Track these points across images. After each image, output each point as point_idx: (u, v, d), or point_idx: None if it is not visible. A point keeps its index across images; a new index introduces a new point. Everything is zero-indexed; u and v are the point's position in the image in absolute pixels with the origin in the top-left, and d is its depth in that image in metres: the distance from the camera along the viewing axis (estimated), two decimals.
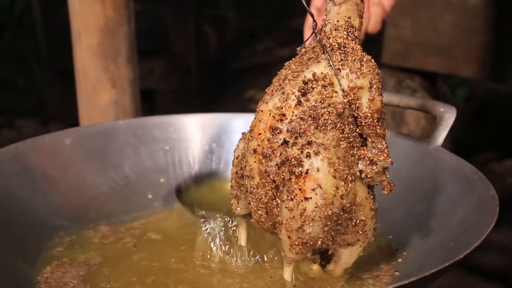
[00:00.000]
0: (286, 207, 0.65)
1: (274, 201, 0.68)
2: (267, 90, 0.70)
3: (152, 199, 0.99)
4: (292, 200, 0.65)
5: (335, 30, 0.68)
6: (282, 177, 0.66)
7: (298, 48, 0.72)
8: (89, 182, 0.95)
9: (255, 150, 0.67)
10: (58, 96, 2.74)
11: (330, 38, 0.67)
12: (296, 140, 0.65)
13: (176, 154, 1.05)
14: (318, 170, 0.64)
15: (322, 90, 0.65)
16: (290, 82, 0.67)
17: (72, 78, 1.20)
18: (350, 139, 0.67)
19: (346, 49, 0.67)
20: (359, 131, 0.68)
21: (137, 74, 1.23)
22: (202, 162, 1.05)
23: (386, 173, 0.69)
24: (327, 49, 0.67)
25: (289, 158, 0.65)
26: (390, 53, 2.05)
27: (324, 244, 0.68)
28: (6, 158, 0.86)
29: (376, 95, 0.66)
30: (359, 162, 0.68)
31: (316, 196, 0.64)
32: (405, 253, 0.78)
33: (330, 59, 0.66)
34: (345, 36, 0.67)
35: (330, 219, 0.65)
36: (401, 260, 0.77)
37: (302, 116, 0.65)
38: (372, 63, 0.67)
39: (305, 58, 0.70)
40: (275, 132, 0.66)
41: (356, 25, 0.69)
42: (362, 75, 0.65)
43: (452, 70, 1.96)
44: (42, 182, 0.89)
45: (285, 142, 0.66)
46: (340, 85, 0.66)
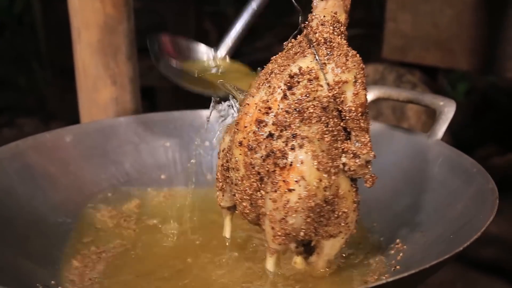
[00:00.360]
0: (270, 199, 0.66)
1: (259, 192, 0.69)
2: (254, 83, 0.71)
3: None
4: (276, 191, 0.66)
5: (322, 25, 0.69)
6: (266, 169, 0.67)
7: (285, 42, 0.73)
8: (89, 179, 0.96)
9: (241, 143, 0.68)
10: (59, 94, 2.74)
11: (317, 33, 0.68)
12: (281, 133, 0.66)
13: (176, 151, 1.05)
14: (302, 163, 0.65)
15: (308, 84, 0.66)
16: (276, 76, 0.68)
17: (72, 76, 1.20)
18: (334, 133, 0.68)
19: (332, 44, 0.67)
20: (343, 125, 0.68)
21: (137, 71, 1.23)
22: (203, 158, 1.05)
23: (369, 166, 0.69)
24: (314, 43, 0.68)
25: (274, 151, 0.66)
26: (390, 47, 2.05)
27: (307, 235, 0.69)
28: (7, 156, 0.87)
29: (360, 90, 0.67)
30: (343, 155, 0.69)
31: (299, 187, 0.65)
32: (405, 246, 0.79)
33: (316, 54, 0.67)
34: (331, 31, 0.68)
35: (313, 211, 0.66)
36: (401, 253, 0.78)
37: (288, 109, 0.66)
38: (357, 58, 0.67)
39: (291, 52, 0.70)
40: (261, 125, 0.67)
41: (342, 20, 0.70)
42: (347, 70, 0.66)
43: (452, 64, 1.96)
44: (43, 179, 0.89)
45: (270, 135, 0.66)
46: (325, 79, 0.67)
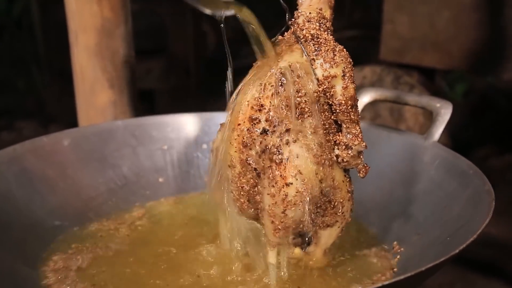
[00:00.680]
0: (268, 194, 0.67)
1: (256, 188, 0.69)
2: (244, 81, 0.72)
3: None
4: (273, 186, 0.67)
5: (308, 21, 0.70)
6: (262, 165, 0.67)
7: (272, 39, 0.74)
8: (87, 183, 0.96)
9: (236, 140, 0.69)
10: (58, 96, 2.74)
11: (304, 30, 0.70)
12: (275, 128, 0.67)
13: (174, 153, 1.05)
14: (297, 157, 0.66)
15: (298, 80, 0.67)
16: (266, 73, 0.69)
17: (71, 79, 1.20)
18: (326, 126, 0.69)
19: (319, 39, 0.69)
20: (334, 118, 0.70)
21: (135, 74, 1.23)
22: (201, 161, 1.05)
23: (361, 156, 0.71)
24: (301, 40, 0.69)
25: (269, 146, 0.67)
26: (387, 49, 2.04)
27: (305, 227, 0.70)
28: (5, 160, 0.87)
29: (349, 83, 0.68)
30: (335, 147, 0.70)
31: (296, 181, 0.66)
32: (402, 249, 0.79)
33: (304, 50, 0.69)
34: (317, 27, 0.70)
35: (311, 203, 0.68)
36: (398, 256, 0.78)
37: (280, 105, 0.67)
38: (344, 53, 0.69)
39: (279, 49, 0.71)
40: (254, 122, 0.68)
41: (327, 16, 0.71)
42: (335, 64, 0.68)
43: (449, 65, 1.95)
44: (41, 183, 0.89)
45: (264, 131, 0.67)
46: (314, 74, 0.68)
